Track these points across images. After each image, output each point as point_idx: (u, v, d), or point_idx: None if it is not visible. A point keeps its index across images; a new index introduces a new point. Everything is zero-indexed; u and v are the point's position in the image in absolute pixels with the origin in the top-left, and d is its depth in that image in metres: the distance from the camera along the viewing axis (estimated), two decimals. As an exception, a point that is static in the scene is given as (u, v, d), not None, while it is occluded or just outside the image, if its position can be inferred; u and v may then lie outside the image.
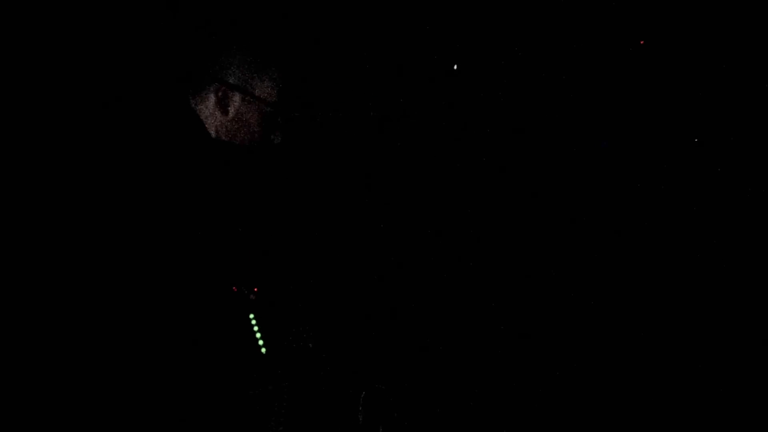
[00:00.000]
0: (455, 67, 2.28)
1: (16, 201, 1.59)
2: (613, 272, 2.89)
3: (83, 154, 1.57)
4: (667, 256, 2.88)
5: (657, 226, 2.92)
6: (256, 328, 1.67)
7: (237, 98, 1.75)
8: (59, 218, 1.51)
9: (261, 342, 1.66)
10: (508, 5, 2.84)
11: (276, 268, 1.90)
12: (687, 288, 2.83)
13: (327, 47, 2.70)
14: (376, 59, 2.78)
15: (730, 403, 2.64)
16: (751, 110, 2.87)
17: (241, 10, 2.24)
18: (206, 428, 1.52)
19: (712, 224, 2.88)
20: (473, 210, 2.92)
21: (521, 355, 2.83)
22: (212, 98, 1.75)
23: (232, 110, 1.75)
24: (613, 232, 2.92)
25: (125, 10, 2.33)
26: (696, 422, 2.65)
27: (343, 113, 2.73)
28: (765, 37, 2.81)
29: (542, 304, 2.89)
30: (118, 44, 2.30)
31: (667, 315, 2.82)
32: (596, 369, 2.80)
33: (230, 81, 1.74)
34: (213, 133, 1.75)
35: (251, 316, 1.69)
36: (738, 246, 2.84)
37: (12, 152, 1.96)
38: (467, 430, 2.66)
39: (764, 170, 2.86)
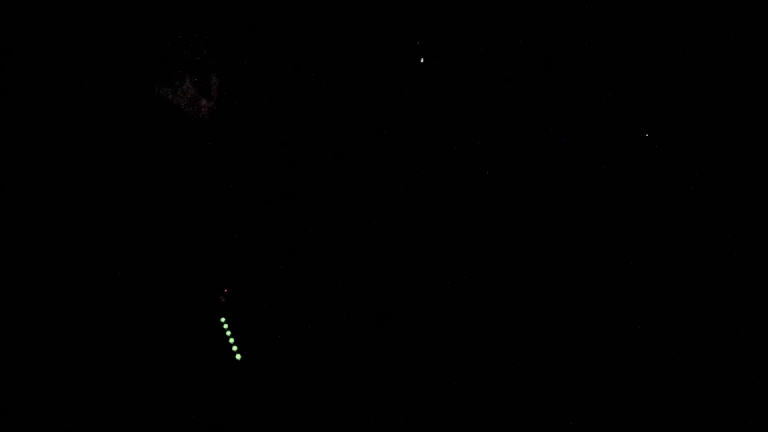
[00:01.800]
0: (422, 60, 2.19)
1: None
2: (577, 263, 2.90)
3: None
4: (628, 244, 2.91)
5: (616, 215, 2.95)
6: (228, 333, 1.52)
7: (214, 78, 1.64)
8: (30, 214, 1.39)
9: (235, 348, 1.52)
10: (471, 5, 2.79)
11: (247, 266, 1.75)
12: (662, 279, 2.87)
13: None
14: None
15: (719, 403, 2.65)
16: (703, 106, 2.92)
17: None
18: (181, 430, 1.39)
19: (669, 213, 2.93)
20: (430, 201, 2.87)
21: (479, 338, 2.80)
22: (190, 88, 1.63)
23: (213, 91, 1.65)
24: (573, 222, 2.94)
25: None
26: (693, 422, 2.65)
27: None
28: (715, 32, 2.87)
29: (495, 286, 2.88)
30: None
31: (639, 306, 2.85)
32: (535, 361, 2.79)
33: (196, 60, 1.61)
34: (200, 120, 1.63)
35: (222, 319, 1.54)
36: (695, 234, 2.89)
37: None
38: (448, 422, 2.59)
39: (715, 162, 2.92)
